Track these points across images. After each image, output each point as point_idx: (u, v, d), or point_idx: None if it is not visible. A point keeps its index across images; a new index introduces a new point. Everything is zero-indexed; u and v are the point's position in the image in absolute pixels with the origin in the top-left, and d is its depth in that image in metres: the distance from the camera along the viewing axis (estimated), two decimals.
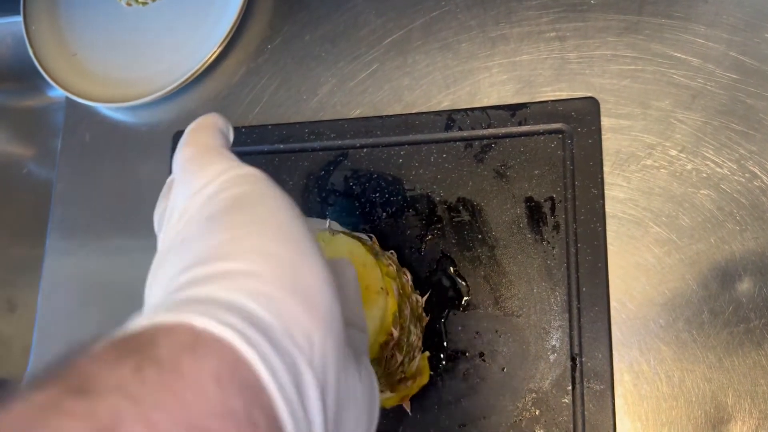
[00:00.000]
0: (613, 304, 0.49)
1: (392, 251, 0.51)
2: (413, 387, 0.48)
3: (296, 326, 0.22)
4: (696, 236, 0.49)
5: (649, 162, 0.51)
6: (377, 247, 0.47)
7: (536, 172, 0.52)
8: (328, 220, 0.48)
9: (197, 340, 0.19)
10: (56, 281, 0.64)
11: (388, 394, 0.47)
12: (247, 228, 0.24)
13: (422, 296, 0.51)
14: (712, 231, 0.48)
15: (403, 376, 0.46)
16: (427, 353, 0.50)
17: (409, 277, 0.50)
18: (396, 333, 0.43)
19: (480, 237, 0.52)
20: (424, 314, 0.50)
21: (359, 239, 0.46)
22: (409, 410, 0.50)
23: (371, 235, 0.50)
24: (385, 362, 0.43)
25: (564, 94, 0.53)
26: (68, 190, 0.66)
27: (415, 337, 0.47)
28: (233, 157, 0.28)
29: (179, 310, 0.20)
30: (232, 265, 0.22)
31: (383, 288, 0.43)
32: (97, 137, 0.67)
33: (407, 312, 0.45)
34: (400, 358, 0.44)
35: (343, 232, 0.46)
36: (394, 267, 0.46)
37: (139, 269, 0.27)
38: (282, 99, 0.61)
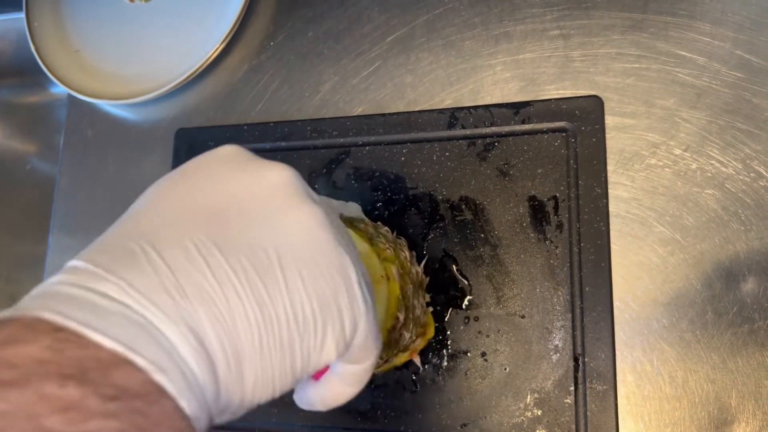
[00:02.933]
0: (616, 303, 0.48)
1: (386, 228, 0.49)
2: (421, 343, 0.49)
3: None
4: (700, 236, 0.48)
5: (653, 161, 0.50)
6: (371, 228, 0.46)
7: (539, 170, 0.52)
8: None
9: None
10: None
11: (399, 354, 0.47)
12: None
13: (418, 260, 0.51)
14: (717, 231, 0.48)
15: (413, 338, 0.47)
16: (431, 308, 0.51)
17: (405, 246, 0.49)
18: (402, 316, 0.43)
19: (482, 236, 0.52)
20: (423, 277, 0.50)
21: (352, 224, 0.45)
22: (419, 364, 0.50)
23: (361, 217, 0.49)
24: (393, 343, 0.43)
25: (568, 93, 0.53)
26: (71, 186, 0.66)
27: (419, 309, 0.46)
28: None
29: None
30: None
31: (383, 276, 0.42)
32: (100, 134, 0.67)
33: (410, 291, 0.45)
34: (408, 335, 0.44)
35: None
36: (391, 248, 0.45)
37: None
38: (284, 96, 0.61)
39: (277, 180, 0.27)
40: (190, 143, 0.61)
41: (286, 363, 0.24)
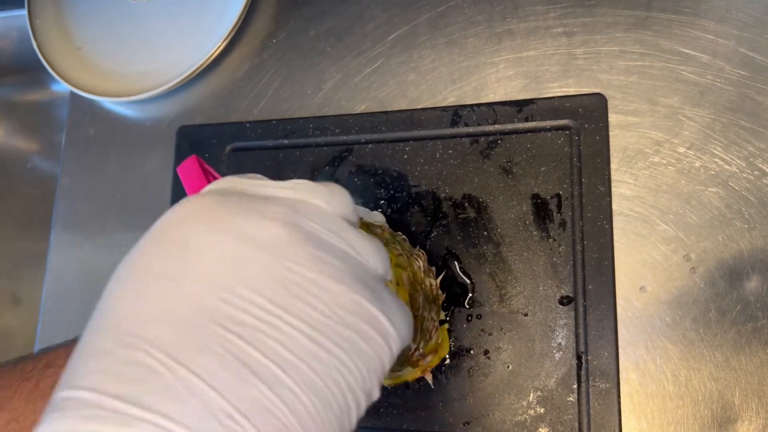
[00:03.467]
0: (619, 302, 0.48)
1: (404, 236, 0.49)
2: (434, 360, 0.49)
3: None
4: (704, 234, 0.48)
5: (656, 159, 0.50)
6: (388, 234, 0.46)
7: (543, 168, 0.52)
8: None
9: None
10: (61, 275, 0.64)
11: (409, 369, 0.47)
12: None
13: (435, 276, 0.50)
14: (720, 229, 0.48)
15: (422, 352, 0.46)
16: (446, 326, 0.50)
17: (423, 259, 0.48)
18: None
19: (485, 234, 0.52)
20: (439, 293, 0.49)
21: (369, 228, 0.45)
22: (431, 382, 0.50)
23: (381, 224, 0.49)
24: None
25: (571, 90, 0.53)
26: (72, 184, 0.66)
27: (430, 322, 0.46)
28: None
29: None
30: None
31: (392, 280, 0.42)
32: (102, 131, 0.66)
33: (420, 300, 0.44)
34: (413, 345, 0.44)
35: None
36: (405, 255, 0.45)
37: None
38: (286, 94, 0.61)
39: (270, 238, 0.23)
40: (192, 141, 0.61)
41: (344, 424, 0.23)
